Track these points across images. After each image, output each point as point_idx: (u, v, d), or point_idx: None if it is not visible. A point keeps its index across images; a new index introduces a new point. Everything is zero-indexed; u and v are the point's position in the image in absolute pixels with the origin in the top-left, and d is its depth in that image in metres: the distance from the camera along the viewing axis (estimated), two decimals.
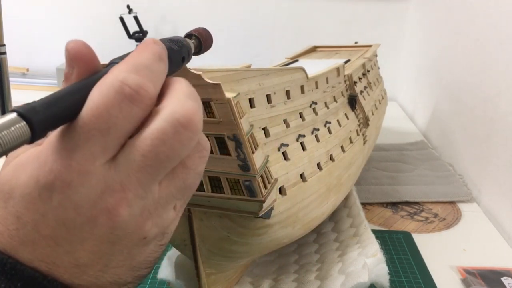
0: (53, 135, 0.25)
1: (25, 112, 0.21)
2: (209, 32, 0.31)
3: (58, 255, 0.26)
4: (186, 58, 0.29)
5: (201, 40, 0.30)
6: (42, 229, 0.25)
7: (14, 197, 0.25)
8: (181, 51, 0.28)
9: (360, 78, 0.77)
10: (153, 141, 0.24)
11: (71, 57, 0.25)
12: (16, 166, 0.26)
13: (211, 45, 0.31)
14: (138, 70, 0.24)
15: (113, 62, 0.26)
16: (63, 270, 0.26)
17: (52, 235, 0.25)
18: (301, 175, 0.47)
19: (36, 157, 0.25)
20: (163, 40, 0.28)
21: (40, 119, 0.22)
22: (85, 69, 0.25)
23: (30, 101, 0.24)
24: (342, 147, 0.60)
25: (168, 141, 0.24)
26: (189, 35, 0.30)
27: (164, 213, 0.27)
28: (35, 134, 0.22)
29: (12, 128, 0.21)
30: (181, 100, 0.25)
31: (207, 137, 0.36)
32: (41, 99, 0.23)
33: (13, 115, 0.21)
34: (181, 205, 0.29)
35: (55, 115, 0.23)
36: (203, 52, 0.31)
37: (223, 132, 0.36)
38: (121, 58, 0.26)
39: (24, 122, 0.21)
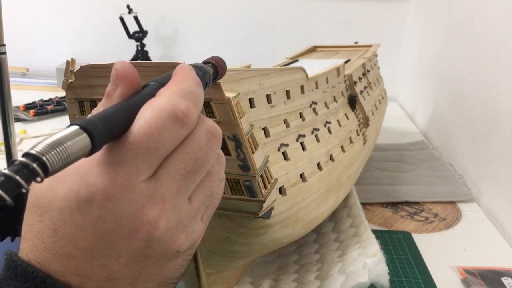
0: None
1: (86, 126, 0.22)
2: (224, 61, 0.33)
3: (92, 268, 0.26)
4: (208, 84, 0.31)
5: (217, 68, 0.32)
6: (79, 242, 0.26)
7: (51, 210, 0.26)
8: (205, 76, 0.30)
9: (360, 78, 0.77)
10: (193, 148, 0.27)
11: (118, 76, 0.27)
12: (53, 180, 0.26)
13: (225, 73, 0.33)
14: (186, 96, 0.26)
15: (149, 84, 0.28)
16: (95, 284, 0.26)
17: (88, 248, 0.26)
18: (301, 175, 0.47)
19: (76, 171, 0.26)
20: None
21: (100, 132, 0.23)
22: (129, 89, 0.27)
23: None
24: (342, 147, 0.60)
25: (203, 148, 0.27)
26: (206, 63, 0.32)
27: (195, 225, 0.29)
28: (95, 146, 0.23)
29: (76, 140, 0.22)
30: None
31: None
32: (96, 115, 0.24)
33: (75, 127, 0.22)
34: (207, 217, 0.30)
35: (110, 129, 0.24)
36: (218, 80, 0.33)
37: (223, 132, 0.36)
38: (158, 81, 0.28)
39: (86, 135, 0.22)
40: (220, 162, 0.30)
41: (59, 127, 1.09)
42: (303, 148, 0.49)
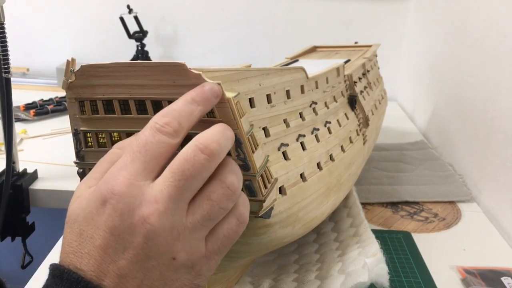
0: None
1: None
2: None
3: (105, 263, 0.31)
4: None
5: None
6: (96, 239, 0.31)
7: (79, 220, 0.32)
8: None
9: (360, 78, 0.77)
10: (179, 160, 0.31)
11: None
12: (78, 199, 0.33)
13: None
14: (169, 115, 0.33)
15: None
16: (109, 281, 0.31)
17: (102, 245, 0.31)
18: (301, 175, 0.47)
19: (87, 187, 0.33)
20: None
21: None
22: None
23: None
24: (342, 147, 0.60)
25: (189, 160, 0.31)
26: None
27: (193, 240, 0.32)
28: None
29: None
30: (205, 132, 0.33)
31: None
32: None
33: None
34: (214, 246, 0.34)
35: None
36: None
37: None
38: None
39: None
40: (225, 192, 0.33)
41: (59, 127, 1.09)
42: (303, 148, 0.49)
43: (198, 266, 0.33)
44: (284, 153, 0.45)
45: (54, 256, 0.65)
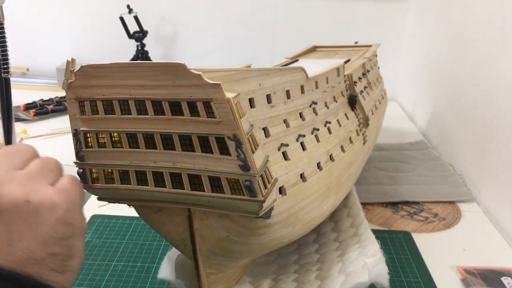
0: None
1: None
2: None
3: None
4: None
5: None
6: None
7: None
8: None
9: (360, 78, 0.77)
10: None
11: None
12: None
13: None
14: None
15: None
16: None
17: None
18: (301, 175, 0.47)
19: None
20: None
21: None
22: None
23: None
24: (342, 147, 0.60)
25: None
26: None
27: (35, 183, 0.36)
28: None
29: None
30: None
31: (207, 137, 0.36)
32: None
33: None
34: (66, 190, 0.38)
35: None
36: None
37: (223, 132, 0.36)
38: None
39: None
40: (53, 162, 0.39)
41: (59, 127, 1.09)
42: (303, 148, 0.49)
43: (58, 201, 0.36)
44: (284, 153, 0.45)
45: None
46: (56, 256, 0.35)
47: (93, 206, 0.75)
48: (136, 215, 0.46)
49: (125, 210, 0.51)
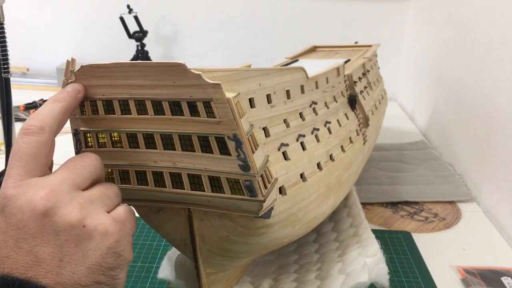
0: None
1: None
2: None
3: (22, 257, 0.33)
4: None
5: None
6: (7, 241, 0.33)
7: None
8: None
9: (360, 78, 0.77)
10: (70, 158, 0.38)
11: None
12: None
13: None
14: (32, 117, 0.36)
15: None
16: (33, 272, 0.32)
17: (13, 242, 0.33)
18: (301, 175, 0.47)
19: None
20: None
21: None
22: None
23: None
24: (342, 147, 0.60)
25: (77, 157, 0.39)
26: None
27: (94, 207, 0.36)
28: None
29: None
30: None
31: (207, 137, 0.36)
32: None
33: None
34: (124, 220, 0.38)
35: None
36: None
37: (223, 132, 0.36)
38: None
39: None
40: (114, 190, 0.39)
41: None
42: (303, 148, 0.49)
43: (112, 230, 0.36)
44: (284, 153, 0.45)
45: None
46: (100, 285, 0.35)
47: None
48: (136, 215, 0.46)
49: None
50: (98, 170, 0.38)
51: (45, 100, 1.22)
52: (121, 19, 1.36)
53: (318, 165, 0.52)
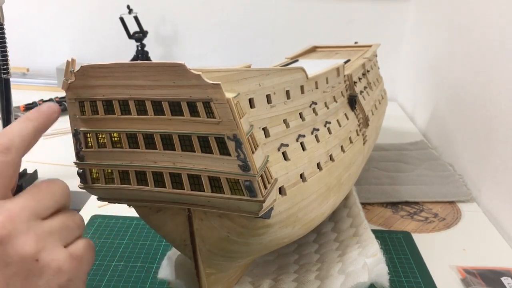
0: None
1: None
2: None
3: None
4: None
5: None
6: None
7: None
8: None
9: (360, 78, 0.77)
10: (34, 184, 0.37)
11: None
12: None
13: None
14: (0, 134, 0.35)
15: None
16: None
17: None
18: (301, 175, 0.47)
19: None
20: None
21: None
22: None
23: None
24: (342, 147, 0.60)
25: (43, 183, 0.37)
26: None
27: (52, 241, 0.34)
28: None
29: None
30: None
31: (207, 137, 0.36)
32: None
33: None
34: (81, 257, 0.36)
35: None
36: None
37: (223, 132, 0.36)
38: None
39: None
40: (76, 221, 0.38)
41: (59, 127, 1.09)
42: (303, 148, 0.49)
43: (66, 267, 0.34)
44: (284, 154, 0.45)
45: None
46: None
47: (93, 206, 0.75)
48: (136, 215, 0.46)
49: (125, 210, 0.51)
50: (63, 198, 0.37)
51: (45, 101, 1.23)
52: (121, 19, 1.36)
53: (318, 165, 0.52)
